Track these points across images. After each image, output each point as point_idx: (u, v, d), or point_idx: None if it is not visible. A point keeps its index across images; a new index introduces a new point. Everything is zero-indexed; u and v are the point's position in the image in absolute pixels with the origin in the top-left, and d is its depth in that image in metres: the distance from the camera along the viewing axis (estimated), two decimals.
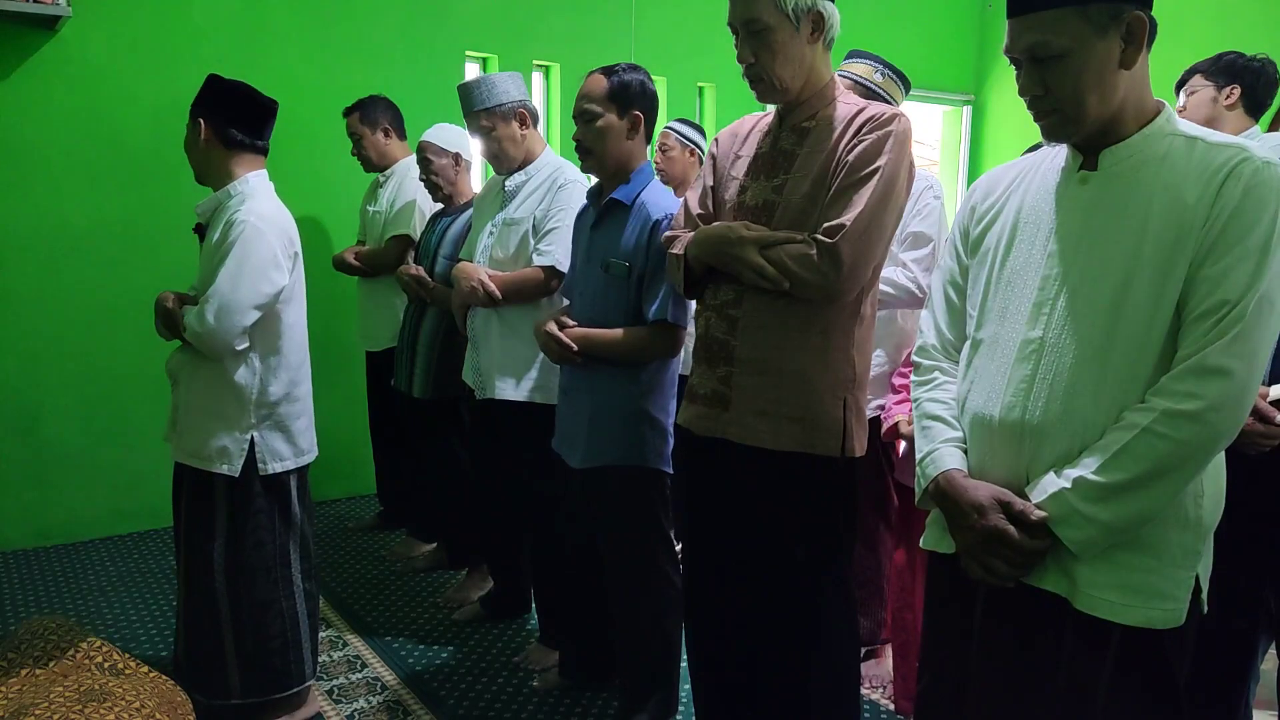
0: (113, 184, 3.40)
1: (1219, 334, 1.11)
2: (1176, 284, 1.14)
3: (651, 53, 4.35)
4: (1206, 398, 1.11)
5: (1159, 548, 1.18)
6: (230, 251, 2.00)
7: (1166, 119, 1.21)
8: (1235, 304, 1.10)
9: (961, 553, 1.28)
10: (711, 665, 1.90)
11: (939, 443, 1.34)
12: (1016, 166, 1.39)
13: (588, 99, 2.06)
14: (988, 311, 1.31)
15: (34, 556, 3.30)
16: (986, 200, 1.38)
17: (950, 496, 1.29)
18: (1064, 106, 1.19)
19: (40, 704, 1.91)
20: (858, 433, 1.70)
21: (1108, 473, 1.14)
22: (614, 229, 2.08)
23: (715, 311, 1.73)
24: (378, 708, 2.33)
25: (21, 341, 3.30)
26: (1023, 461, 1.23)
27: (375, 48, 3.82)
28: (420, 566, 3.25)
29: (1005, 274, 1.29)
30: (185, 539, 2.13)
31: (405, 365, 2.99)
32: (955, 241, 1.42)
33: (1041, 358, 1.22)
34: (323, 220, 3.81)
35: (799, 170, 1.66)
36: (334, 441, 3.91)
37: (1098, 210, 1.21)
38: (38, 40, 3.21)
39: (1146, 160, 1.19)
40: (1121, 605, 1.17)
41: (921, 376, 1.43)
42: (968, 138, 5.76)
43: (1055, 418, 1.20)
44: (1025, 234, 1.29)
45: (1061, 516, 1.17)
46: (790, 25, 1.60)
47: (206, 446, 2.05)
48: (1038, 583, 1.23)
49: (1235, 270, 1.11)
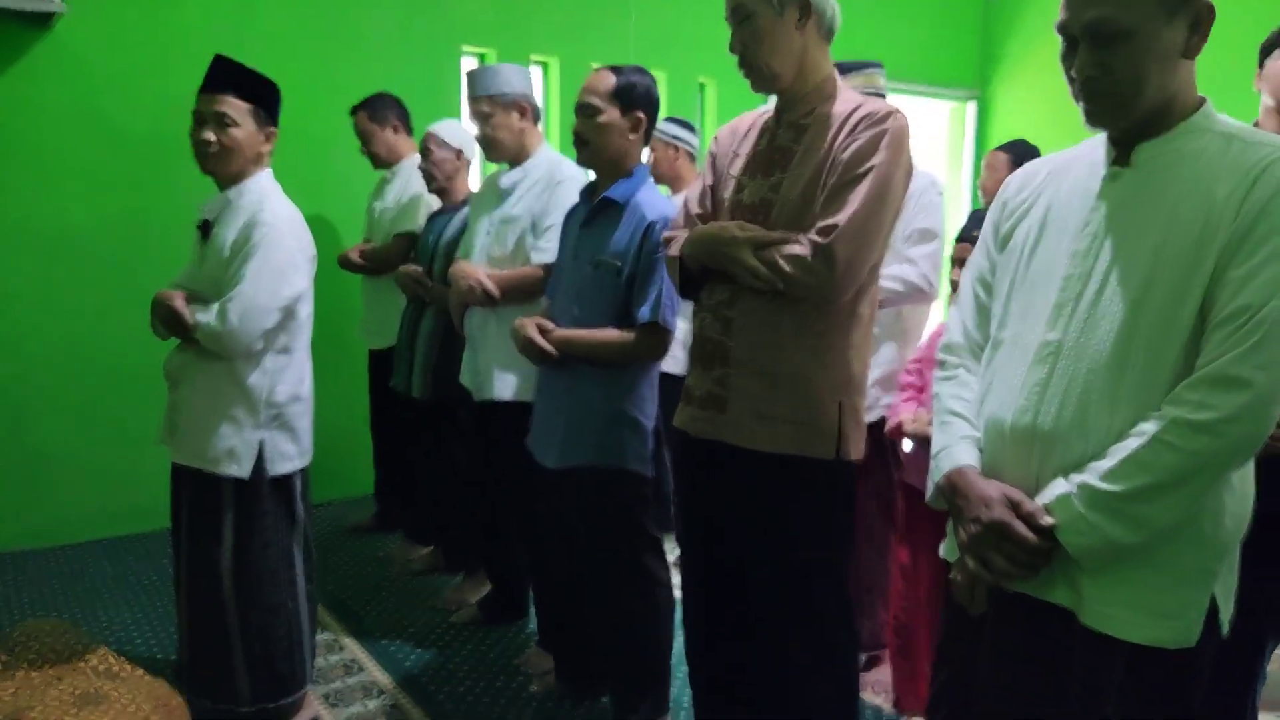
0: (108, 181, 3.37)
1: (1239, 341, 1.05)
2: (1200, 286, 1.09)
3: (651, 48, 4.32)
4: (1221, 409, 1.05)
5: (1170, 565, 1.13)
6: (254, 252, 1.96)
7: (1205, 115, 1.16)
8: (1259, 310, 1.05)
9: (961, 549, 1.25)
10: (709, 668, 1.88)
11: (956, 439, 1.30)
12: (1053, 161, 1.33)
13: (592, 93, 2.05)
14: (1010, 311, 1.27)
15: (27, 558, 3.28)
16: (1019, 195, 1.33)
17: (960, 490, 1.25)
18: (1121, 89, 1.12)
19: (35, 707, 1.90)
20: (854, 436, 1.68)
21: (1114, 481, 1.10)
22: (606, 227, 2.06)
23: (710, 312, 1.71)
24: (374, 711, 2.30)
25: (15, 340, 3.28)
26: (1032, 468, 1.20)
27: (372, 43, 3.79)
28: (417, 569, 3.23)
29: (1030, 272, 1.25)
30: (187, 542, 2.09)
31: (404, 365, 2.97)
32: (987, 237, 1.38)
33: (1058, 361, 1.18)
34: (319, 217, 3.78)
35: (796, 168, 1.64)
36: (332, 442, 3.89)
37: (1126, 208, 1.17)
38: (32, 37, 3.19)
39: (1182, 158, 1.14)
40: (1128, 622, 1.13)
41: (946, 372, 1.39)
42: (972, 134, 5.73)
43: (1067, 424, 1.16)
44: (1053, 231, 1.24)
45: (1065, 522, 1.13)
46: (772, 10, 1.60)
47: (213, 448, 2.00)
48: (1045, 595, 1.19)
49: (1260, 273, 1.05)
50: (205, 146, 2.01)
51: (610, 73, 2.05)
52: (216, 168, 2.04)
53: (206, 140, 2.00)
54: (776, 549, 1.70)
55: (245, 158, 2.04)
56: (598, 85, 2.04)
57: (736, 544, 1.75)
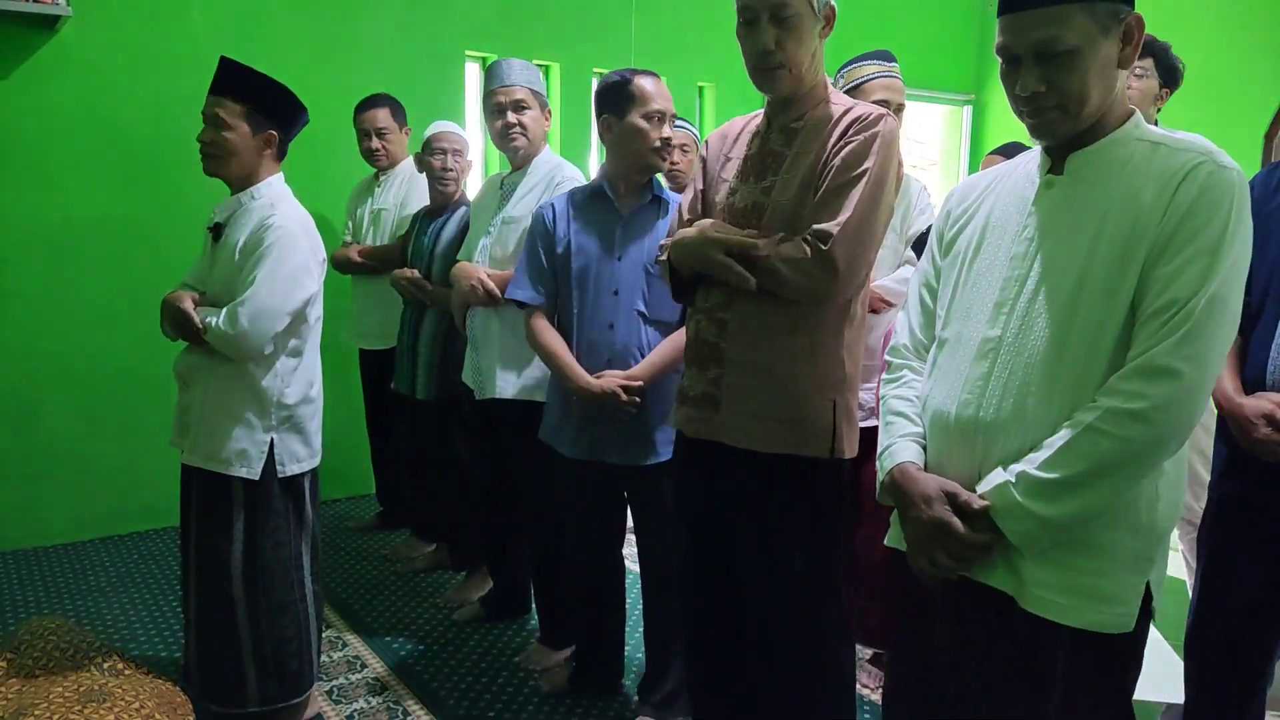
0: (113, 183, 3.39)
1: (1167, 333, 1.11)
2: (1130, 284, 1.15)
3: (651, 52, 4.34)
4: (1152, 398, 1.11)
5: (1108, 551, 1.18)
6: (267, 255, 1.97)
7: (1134, 124, 1.23)
8: (1185, 303, 1.11)
9: (909, 545, 1.30)
10: (706, 663, 1.90)
11: (897, 437, 1.36)
12: (991, 173, 1.41)
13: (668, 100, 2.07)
14: (954, 311, 1.33)
15: (33, 556, 3.30)
16: (961, 204, 1.41)
17: (901, 488, 1.30)
18: (1067, 103, 1.18)
19: (40, 704, 1.91)
20: (848, 434, 1.70)
21: (1050, 468, 1.15)
22: (648, 224, 2.10)
23: (705, 314, 1.74)
24: (377, 708, 2.32)
25: (21, 340, 3.30)
26: (975, 458, 1.25)
27: (375, 46, 3.81)
28: (420, 567, 3.25)
29: (972, 275, 1.32)
30: (197, 542, 2.08)
31: (407, 367, 2.98)
32: (932, 245, 1.45)
33: (999, 356, 1.23)
34: (320, 218, 3.78)
35: (787, 172, 1.66)
36: (334, 441, 3.89)
37: (1060, 212, 1.23)
38: (38, 40, 3.21)
39: (1111, 164, 1.21)
40: (1067, 606, 1.17)
41: (891, 375, 1.46)
42: (968, 137, 5.75)
43: (1008, 416, 1.21)
44: (993, 237, 1.31)
45: (1003, 509, 1.18)
46: (812, 14, 1.62)
47: (224, 449, 2.01)
48: (986, 579, 1.24)
49: (1186, 270, 1.11)
50: (201, 147, 2.05)
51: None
52: (216, 169, 2.06)
53: (201, 141, 2.05)
54: (770, 547, 1.72)
55: (243, 160, 2.05)
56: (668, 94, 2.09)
57: (732, 541, 1.77)
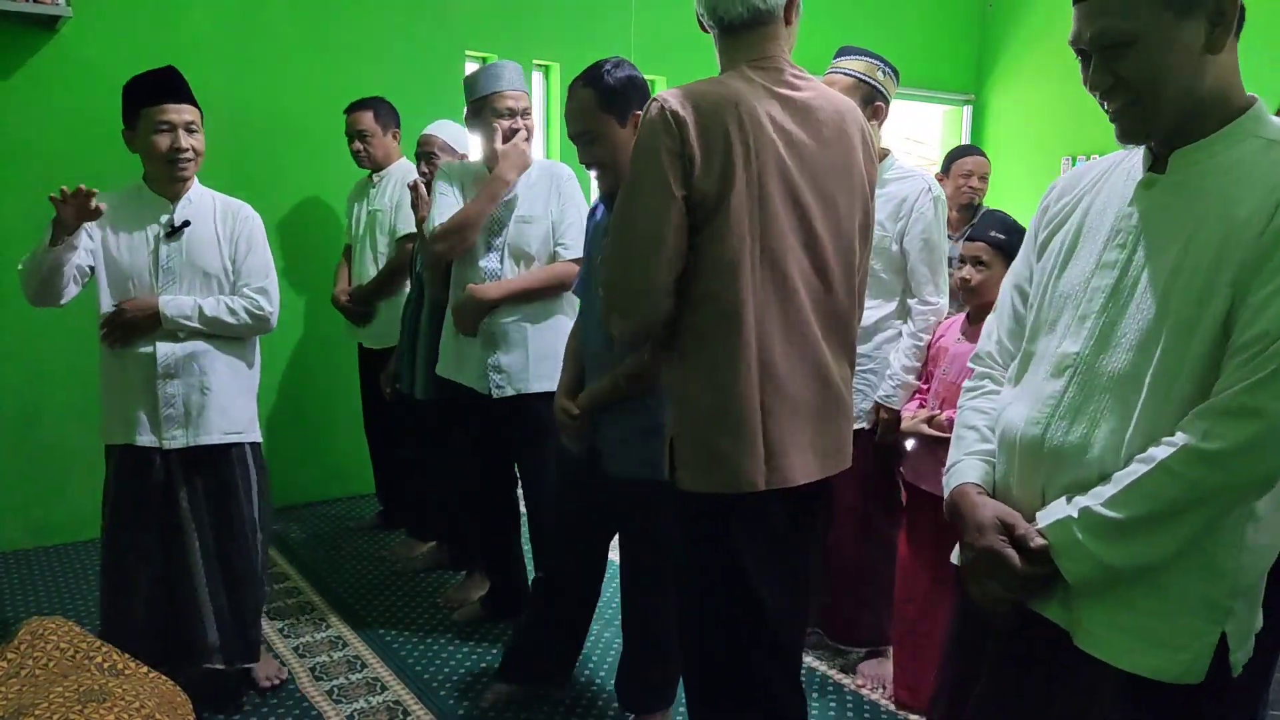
0: (113, 184, 3.36)
1: (1254, 370, 0.98)
2: (1219, 307, 1.02)
3: (650, 52, 4.35)
4: (1229, 439, 0.99)
5: (1172, 592, 1.07)
6: (255, 240, 2.23)
7: (1253, 117, 1.07)
8: (1276, 339, 0.97)
9: (964, 570, 1.23)
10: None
11: (964, 454, 1.27)
12: (1099, 165, 1.26)
13: (579, 119, 1.96)
14: (1041, 322, 1.23)
15: (33, 556, 3.30)
16: (1060, 201, 1.28)
17: (959, 512, 1.23)
18: (1140, 98, 1.06)
19: (40, 704, 1.91)
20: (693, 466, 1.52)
21: (1116, 507, 1.05)
22: None
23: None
24: (377, 707, 2.33)
25: (21, 340, 3.30)
26: (1039, 483, 1.16)
27: (374, 47, 3.82)
28: (420, 566, 3.25)
29: (1061, 283, 1.20)
30: (214, 518, 2.25)
31: (407, 367, 2.98)
32: (1028, 244, 1.33)
33: (1075, 376, 1.13)
34: (320, 219, 3.81)
35: None
36: (334, 441, 3.92)
37: (1156, 218, 1.10)
38: (38, 40, 3.21)
39: (1217, 164, 1.07)
40: (1118, 647, 1.08)
41: (972, 383, 1.36)
42: (968, 138, 5.76)
43: (1076, 441, 1.11)
44: (1087, 240, 1.18)
45: (1063, 547, 1.09)
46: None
47: (240, 420, 2.24)
48: (1041, 610, 1.16)
49: (1278, 298, 0.98)
50: (188, 155, 2.13)
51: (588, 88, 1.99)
52: (190, 174, 2.17)
53: (193, 150, 2.14)
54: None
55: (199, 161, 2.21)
56: (584, 106, 2.02)
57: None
